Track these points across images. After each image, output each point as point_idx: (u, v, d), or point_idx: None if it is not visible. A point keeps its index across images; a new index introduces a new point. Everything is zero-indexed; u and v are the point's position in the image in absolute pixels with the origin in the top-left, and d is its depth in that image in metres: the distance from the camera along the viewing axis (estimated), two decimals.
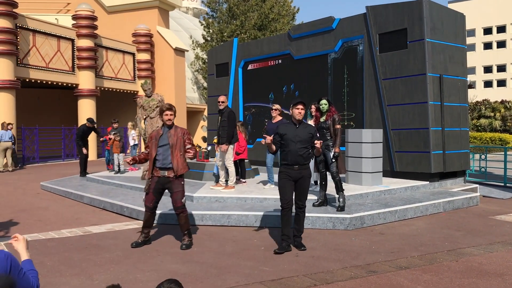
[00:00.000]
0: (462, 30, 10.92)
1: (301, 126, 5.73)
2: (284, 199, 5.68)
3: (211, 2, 31.69)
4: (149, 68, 25.14)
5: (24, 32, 18.43)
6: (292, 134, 5.65)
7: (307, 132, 5.70)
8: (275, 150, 5.81)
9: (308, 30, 13.10)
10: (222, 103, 8.97)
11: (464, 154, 10.79)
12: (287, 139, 5.65)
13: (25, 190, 11.45)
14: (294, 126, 5.72)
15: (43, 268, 5.01)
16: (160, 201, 8.35)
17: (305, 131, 5.70)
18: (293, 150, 5.61)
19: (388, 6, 10.89)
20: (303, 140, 5.63)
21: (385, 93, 10.85)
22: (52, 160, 20.22)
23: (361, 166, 9.44)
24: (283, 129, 5.76)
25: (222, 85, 15.90)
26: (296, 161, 5.61)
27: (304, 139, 5.63)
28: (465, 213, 8.19)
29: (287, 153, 5.67)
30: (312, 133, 5.74)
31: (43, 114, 24.29)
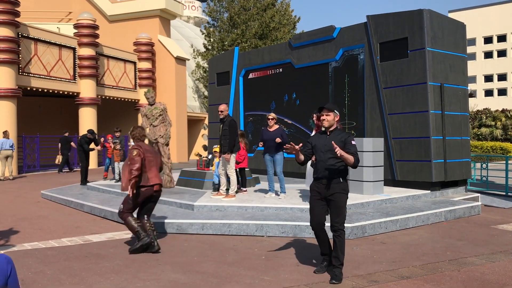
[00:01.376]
0: (462, 39, 10.95)
1: (333, 134, 5.03)
2: (312, 221, 5.08)
3: (212, 11, 31.85)
4: (150, 77, 25.21)
5: (26, 40, 18.51)
6: (322, 143, 5.03)
7: (339, 140, 4.92)
8: (303, 160, 5.13)
9: (309, 39, 13.14)
10: (221, 112, 8.97)
11: (465, 163, 10.77)
12: (316, 149, 5.08)
13: (25, 198, 11.43)
14: (325, 135, 5.09)
15: (43, 277, 4.98)
16: (160, 209, 8.36)
17: (337, 139, 4.93)
18: (321, 161, 4.99)
19: (389, 15, 10.93)
20: (333, 150, 4.81)
21: (386, 102, 10.86)
22: (52, 169, 20.21)
23: (362, 175, 9.42)
24: (314, 139, 5.21)
25: (223, 94, 15.94)
26: (324, 174, 4.95)
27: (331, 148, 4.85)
28: (467, 223, 8.16)
29: (315, 165, 5.10)
30: (344, 140, 4.92)
31: (44, 123, 24.32)
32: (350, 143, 4.89)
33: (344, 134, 5.03)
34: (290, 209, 7.98)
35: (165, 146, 10.93)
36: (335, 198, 4.90)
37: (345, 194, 4.95)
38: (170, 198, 9.14)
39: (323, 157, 4.97)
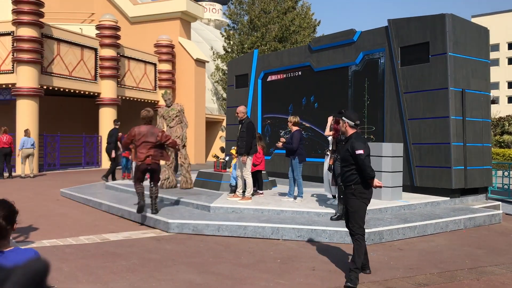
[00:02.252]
0: (485, 44, 10.77)
1: (347, 143, 5.20)
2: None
3: (232, 14, 31.96)
4: (170, 78, 25.40)
5: (49, 41, 18.82)
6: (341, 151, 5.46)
7: (346, 148, 5.16)
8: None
9: (329, 43, 13.08)
10: (238, 114, 9.01)
11: (486, 170, 10.57)
12: None
13: (45, 196, 11.60)
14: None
15: (60, 274, 5.04)
16: (176, 210, 8.40)
17: (346, 147, 5.17)
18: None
19: (410, 19, 10.81)
20: (343, 159, 5.21)
21: (406, 107, 10.73)
22: (72, 167, 20.49)
23: (380, 180, 9.29)
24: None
25: (241, 96, 15.96)
26: (341, 179, 5.32)
27: (343, 157, 5.20)
28: (487, 231, 7.99)
29: None
30: (348, 149, 5.08)
31: (65, 122, 24.68)
32: (355, 154, 4.94)
33: (351, 141, 5.08)
34: (307, 213, 7.94)
35: (181, 147, 10.98)
36: (348, 204, 5.14)
37: (356, 199, 5.03)
38: (187, 199, 9.17)
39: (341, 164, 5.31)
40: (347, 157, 5.06)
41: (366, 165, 4.89)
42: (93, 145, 21.72)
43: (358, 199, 5.02)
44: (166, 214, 7.97)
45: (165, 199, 9.59)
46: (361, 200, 5.03)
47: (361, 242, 4.98)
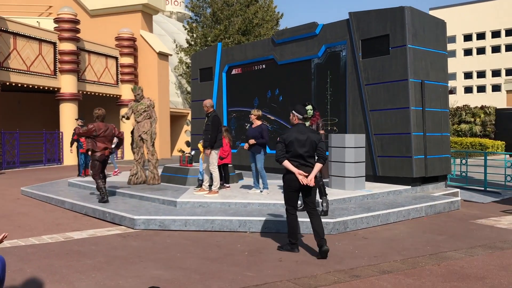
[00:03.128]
0: (443, 36, 11.09)
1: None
2: None
3: (195, 7, 31.68)
4: (132, 72, 24.98)
5: (5, 35, 18.16)
6: None
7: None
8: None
9: (292, 36, 13.17)
10: (204, 107, 9.03)
11: (445, 159, 10.93)
12: None
13: (4, 195, 11.25)
14: None
15: (23, 275, 4.92)
16: (142, 206, 8.33)
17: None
18: None
19: (370, 12, 11.01)
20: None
21: (367, 99, 10.95)
22: (33, 165, 19.92)
23: (344, 170, 9.50)
24: None
25: (206, 90, 15.88)
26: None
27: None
28: (447, 217, 8.29)
29: None
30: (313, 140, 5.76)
31: (24, 118, 23.94)
32: (322, 142, 5.75)
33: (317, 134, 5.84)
34: (273, 205, 8.01)
35: (149, 142, 10.84)
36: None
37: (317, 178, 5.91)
38: (153, 194, 9.09)
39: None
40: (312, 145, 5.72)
41: (325, 149, 5.75)
42: (54, 141, 21.17)
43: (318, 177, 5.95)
44: (132, 211, 7.88)
45: (131, 195, 9.48)
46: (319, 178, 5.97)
47: (287, 217, 5.89)
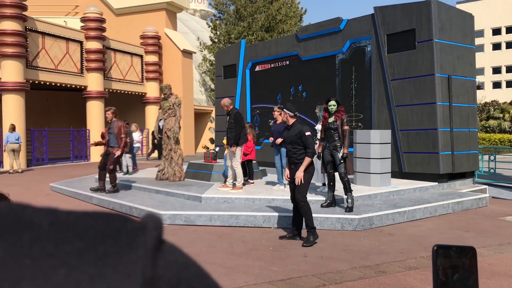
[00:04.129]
0: (470, 30, 10.88)
1: (292, 129, 6.09)
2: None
3: (218, 4, 31.78)
4: (157, 70, 25.25)
5: (34, 34, 18.59)
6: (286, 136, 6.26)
7: (294, 134, 6.02)
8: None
9: (316, 31, 13.11)
10: (223, 107, 9.17)
11: (473, 155, 10.73)
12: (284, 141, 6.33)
13: (35, 191, 11.55)
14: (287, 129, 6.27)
15: None
16: (168, 202, 8.43)
17: (294, 131, 6.04)
18: (287, 150, 6.15)
19: (396, 6, 10.87)
20: (292, 142, 6.01)
21: (393, 94, 10.83)
22: (61, 162, 20.36)
23: (369, 167, 9.43)
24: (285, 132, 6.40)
25: (230, 87, 15.95)
26: (290, 161, 6.09)
27: (292, 140, 6.00)
28: (475, 214, 8.15)
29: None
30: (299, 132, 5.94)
31: (52, 116, 24.48)
32: (304, 135, 5.87)
33: (297, 127, 6.00)
34: None
35: (171, 140, 10.95)
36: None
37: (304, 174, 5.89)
38: (178, 190, 9.20)
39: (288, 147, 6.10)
40: (296, 140, 5.93)
41: (313, 144, 5.92)
42: (81, 138, 21.58)
43: (306, 174, 5.88)
44: (158, 206, 8.00)
45: (157, 191, 9.61)
46: (309, 175, 5.93)
47: (306, 207, 5.91)
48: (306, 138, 5.87)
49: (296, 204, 6.05)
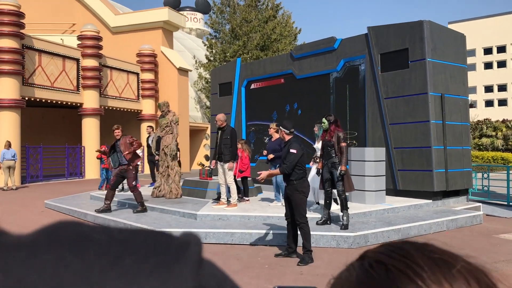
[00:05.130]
0: (462, 50, 11.07)
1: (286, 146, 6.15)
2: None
3: (214, 23, 32.12)
4: (153, 88, 25.38)
5: (30, 52, 18.70)
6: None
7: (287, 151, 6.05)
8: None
9: (310, 50, 13.28)
10: (217, 122, 9.29)
11: (467, 172, 10.82)
12: None
13: (29, 208, 11.50)
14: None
15: None
16: (163, 219, 8.43)
17: (286, 150, 6.10)
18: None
19: (389, 26, 11.06)
20: (284, 159, 6.08)
21: (387, 112, 10.95)
22: (55, 179, 20.29)
23: (364, 184, 9.48)
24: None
25: (225, 104, 16.05)
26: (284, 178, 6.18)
27: (286, 158, 6.03)
28: (469, 232, 8.19)
29: None
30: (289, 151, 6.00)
31: (47, 133, 24.46)
32: (289, 151, 5.96)
33: (289, 144, 6.07)
34: None
35: (168, 157, 10.99)
36: (292, 198, 5.96)
37: (298, 193, 5.92)
38: (173, 207, 9.20)
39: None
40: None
41: (292, 161, 5.85)
42: (76, 155, 21.56)
43: (300, 193, 5.92)
44: (153, 223, 7.99)
45: (152, 208, 9.60)
46: (302, 194, 5.94)
47: (306, 228, 5.91)
48: (289, 154, 5.95)
49: (291, 221, 6.09)
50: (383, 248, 0.51)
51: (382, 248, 0.51)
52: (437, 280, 0.43)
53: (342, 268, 0.50)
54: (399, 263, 0.46)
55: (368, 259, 0.49)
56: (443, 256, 0.47)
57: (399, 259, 0.47)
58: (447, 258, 0.47)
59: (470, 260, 0.48)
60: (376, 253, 0.50)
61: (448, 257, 0.47)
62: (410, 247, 0.48)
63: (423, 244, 0.50)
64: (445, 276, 0.44)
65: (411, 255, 0.47)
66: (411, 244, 0.49)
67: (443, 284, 0.43)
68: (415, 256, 0.46)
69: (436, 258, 0.47)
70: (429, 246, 0.49)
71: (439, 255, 0.47)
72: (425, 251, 0.48)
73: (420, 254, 0.47)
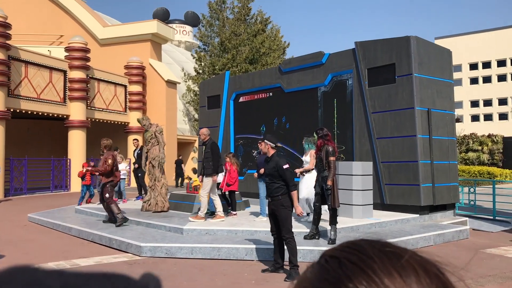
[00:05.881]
0: (449, 65, 11.19)
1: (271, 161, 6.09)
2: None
3: (203, 36, 32.21)
4: (140, 100, 25.27)
5: (17, 63, 18.53)
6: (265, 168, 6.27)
7: (271, 166, 6.01)
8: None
9: (299, 64, 13.33)
10: (200, 135, 9.45)
11: (453, 187, 10.87)
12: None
13: (12, 221, 11.28)
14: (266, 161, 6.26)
15: None
16: (148, 233, 8.31)
17: (272, 164, 6.04)
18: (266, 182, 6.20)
19: (376, 42, 11.16)
20: (270, 175, 6.01)
21: (374, 126, 10.99)
22: (40, 192, 19.99)
23: (351, 198, 9.46)
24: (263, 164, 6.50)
25: (214, 117, 16.01)
26: (268, 193, 6.13)
27: (270, 173, 5.99)
28: (456, 247, 8.19)
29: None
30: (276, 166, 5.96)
31: (32, 145, 24.16)
32: (282, 169, 5.86)
33: (275, 160, 6.00)
34: None
35: (156, 168, 10.87)
36: (277, 213, 5.90)
37: (284, 209, 5.86)
38: (159, 221, 9.08)
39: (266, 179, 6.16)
40: (274, 173, 5.91)
41: (292, 177, 5.91)
42: (61, 168, 21.29)
43: (286, 208, 5.86)
44: (138, 238, 7.87)
45: (138, 222, 9.47)
46: (288, 209, 5.88)
47: (292, 243, 5.84)
48: (284, 171, 5.84)
49: (277, 236, 6.02)
50: (338, 245, 0.55)
51: (337, 246, 0.56)
52: (387, 271, 0.47)
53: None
54: (352, 256, 0.50)
55: (324, 256, 0.54)
56: (393, 249, 0.51)
57: (352, 252, 0.50)
58: (397, 250, 0.51)
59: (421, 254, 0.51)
60: (331, 250, 0.54)
61: (398, 250, 0.51)
62: (363, 242, 0.53)
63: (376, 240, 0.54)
64: (394, 266, 0.47)
65: (363, 249, 0.51)
66: (365, 241, 0.54)
67: (393, 274, 0.46)
68: (367, 249, 0.50)
69: (387, 251, 0.50)
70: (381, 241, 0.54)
71: (390, 249, 0.51)
72: (377, 245, 0.52)
73: (372, 248, 0.51)
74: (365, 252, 0.49)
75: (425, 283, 0.47)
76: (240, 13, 30.94)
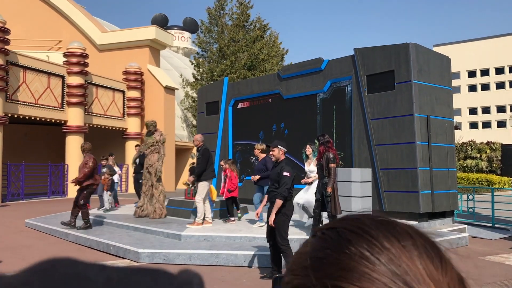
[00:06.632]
0: (447, 72, 11.20)
1: (278, 166, 6.03)
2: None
3: (202, 42, 32.25)
4: (139, 106, 25.24)
5: (15, 68, 18.50)
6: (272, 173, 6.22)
7: (277, 171, 5.94)
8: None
9: (298, 71, 13.34)
10: (194, 141, 9.58)
11: (452, 194, 10.85)
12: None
13: (9, 227, 11.20)
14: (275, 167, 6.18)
15: None
16: (147, 239, 8.26)
17: (277, 170, 5.98)
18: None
19: (375, 48, 11.17)
20: (274, 180, 5.96)
21: (373, 133, 10.98)
22: (37, 197, 19.90)
23: (350, 205, 9.43)
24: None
25: (212, 123, 15.99)
26: (269, 199, 6.05)
27: (274, 178, 5.94)
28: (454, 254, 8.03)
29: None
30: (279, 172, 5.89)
31: (30, 151, 24.08)
32: (282, 174, 5.80)
33: (281, 165, 5.93)
34: None
35: (152, 176, 10.84)
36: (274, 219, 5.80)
37: (281, 215, 5.75)
38: (157, 227, 9.03)
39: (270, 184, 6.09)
40: (277, 178, 5.85)
41: (285, 185, 5.70)
42: (59, 173, 21.21)
43: (283, 215, 5.76)
44: (136, 244, 7.82)
45: (135, 228, 9.42)
46: (285, 217, 5.78)
47: (288, 251, 5.70)
48: (282, 177, 5.79)
49: (272, 243, 5.96)
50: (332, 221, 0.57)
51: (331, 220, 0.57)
52: (384, 236, 0.50)
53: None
54: (348, 225, 0.53)
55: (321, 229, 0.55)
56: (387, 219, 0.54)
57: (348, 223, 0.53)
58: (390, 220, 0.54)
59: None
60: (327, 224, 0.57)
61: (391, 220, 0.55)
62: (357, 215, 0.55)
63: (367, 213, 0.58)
64: (390, 232, 0.51)
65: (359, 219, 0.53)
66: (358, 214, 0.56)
67: (391, 238, 0.50)
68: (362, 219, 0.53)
69: (382, 220, 0.54)
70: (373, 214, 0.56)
71: (383, 218, 0.55)
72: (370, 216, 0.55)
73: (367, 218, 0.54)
74: (361, 221, 0.53)
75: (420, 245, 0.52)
76: (239, 19, 31.00)
